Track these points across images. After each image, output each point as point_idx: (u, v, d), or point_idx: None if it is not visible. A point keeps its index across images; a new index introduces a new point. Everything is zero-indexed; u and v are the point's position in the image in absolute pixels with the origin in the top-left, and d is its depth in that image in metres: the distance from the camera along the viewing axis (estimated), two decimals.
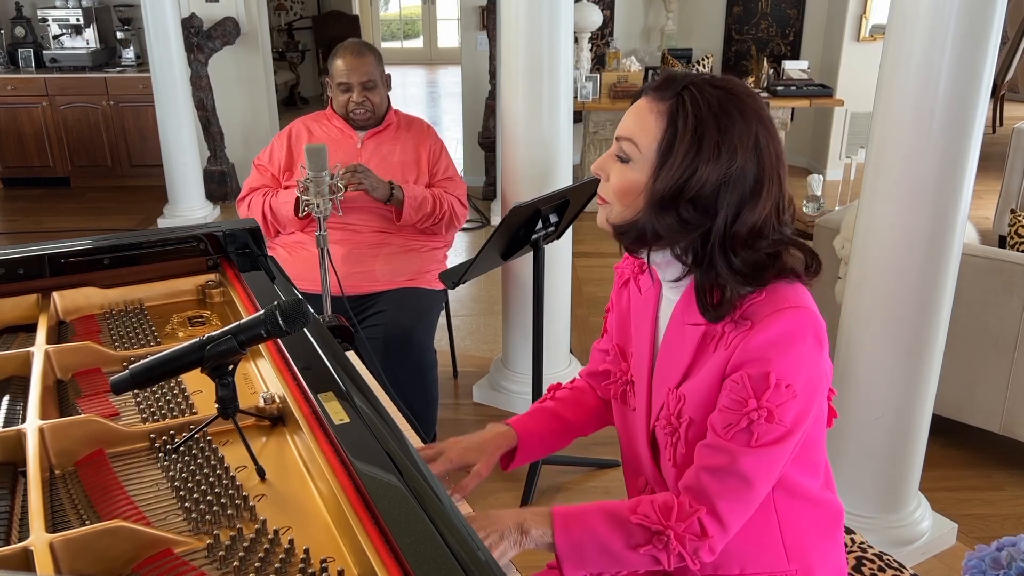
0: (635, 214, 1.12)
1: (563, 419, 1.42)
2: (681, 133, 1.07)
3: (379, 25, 12.85)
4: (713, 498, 1.12)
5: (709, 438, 1.13)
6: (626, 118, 1.15)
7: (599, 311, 3.99)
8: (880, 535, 2.21)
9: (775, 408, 1.08)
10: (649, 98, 1.12)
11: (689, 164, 1.07)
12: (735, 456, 1.10)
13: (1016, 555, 1.17)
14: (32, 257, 1.65)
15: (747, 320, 1.10)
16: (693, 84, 1.09)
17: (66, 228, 5.27)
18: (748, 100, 1.10)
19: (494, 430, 1.37)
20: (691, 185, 1.08)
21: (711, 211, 1.09)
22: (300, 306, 1.20)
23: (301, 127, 2.73)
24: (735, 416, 1.10)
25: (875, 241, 2.03)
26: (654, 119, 1.10)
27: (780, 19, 6.18)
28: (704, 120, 1.07)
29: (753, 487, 1.12)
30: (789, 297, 1.10)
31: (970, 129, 1.89)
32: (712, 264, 1.11)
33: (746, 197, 1.09)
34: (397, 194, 2.56)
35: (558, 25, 2.69)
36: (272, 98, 6.03)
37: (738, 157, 1.07)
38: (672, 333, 1.21)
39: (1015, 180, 4.49)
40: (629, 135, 1.12)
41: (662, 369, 1.22)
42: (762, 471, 1.11)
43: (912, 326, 2.05)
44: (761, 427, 1.09)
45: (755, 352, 1.08)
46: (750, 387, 1.08)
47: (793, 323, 1.08)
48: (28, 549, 0.95)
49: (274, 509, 1.10)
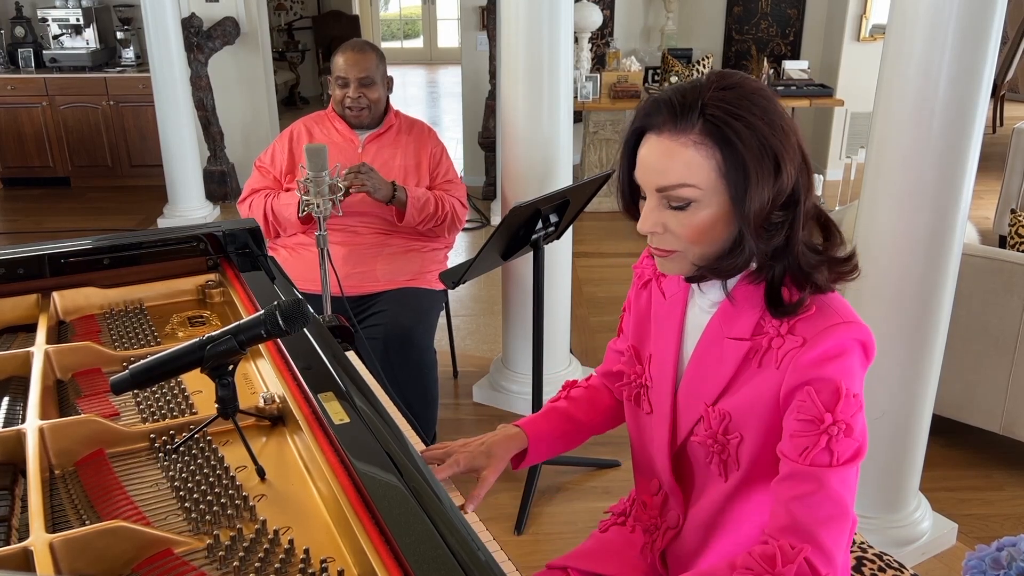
0: (721, 246, 1.07)
1: (575, 420, 1.40)
2: (743, 149, 1.01)
3: (379, 25, 12.84)
4: (813, 531, 1.04)
5: (787, 468, 1.07)
6: (652, 167, 1.06)
7: (599, 311, 3.99)
8: (880, 535, 2.21)
9: (850, 419, 1.04)
10: (668, 134, 1.05)
11: (770, 171, 1.03)
12: (821, 479, 1.04)
13: (1016, 555, 1.17)
14: (32, 257, 1.65)
15: (797, 336, 1.06)
16: (708, 99, 1.03)
17: (66, 228, 5.27)
18: (753, 83, 1.06)
19: (503, 432, 1.35)
20: (779, 188, 1.04)
21: (796, 201, 1.06)
22: (300, 306, 1.20)
23: (302, 128, 2.73)
24: (811, 438, 1.04)
25: (875, 241, 2.03)
26: (694, 151, 1.03)
27: (780, 19, 6.18)
28: (753, 124, 1.02)
29: (847, 508, 1.06)
30: (840, 312, 1.07)
31: (970, 129, 1.89)
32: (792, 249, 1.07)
33: (806, 169, 1.06)
34: (400, 195, 2.56)
35: (558, 25, 2.69)
36: (272, 98, 6.03)
37: (791, 136, 1.04)
38: (708, 346, 1.16)
39: (1015, 180, 4.49)
40: (677, 181, 1.04)
41: (693, 382, 1.18)
42: (849, 488, 1.06)
43: (912, 326, 2.05)
44: (841, 443, 1.04)
45: (814, 369, 1.04)
46: (821, 403, 1.04)
47: (846, 337, 1.05)
48: (28, 549, 0.95)
49: (274, 509, 1.10)
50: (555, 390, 1.47)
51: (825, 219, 1.13)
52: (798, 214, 1.06)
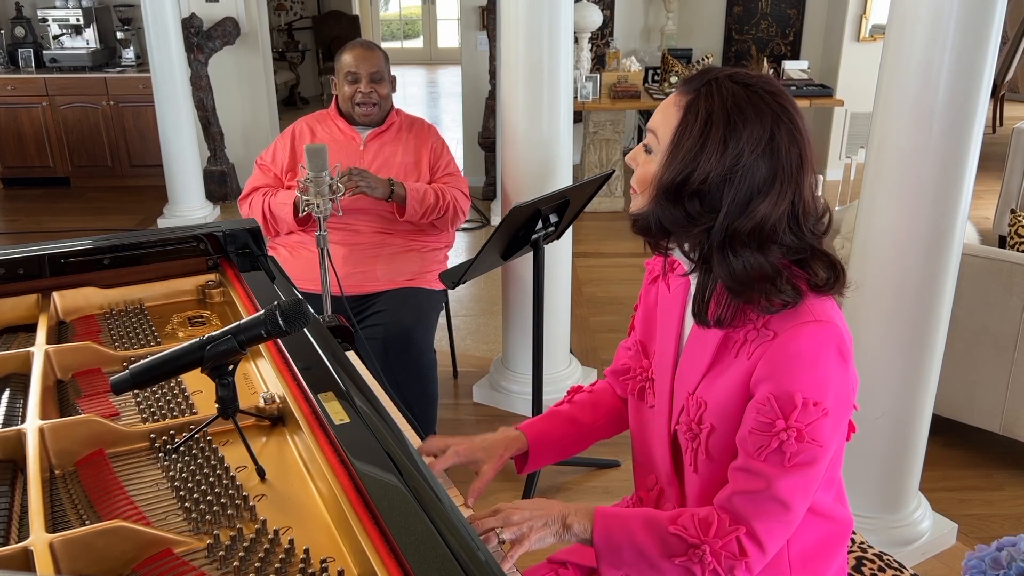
0: (648, 204, 1.13)
1: (579, 423, 1.41)
2: (691, 126, 1.07)
3: (379, 25, 12.84)
4: (750, 520, 1.10)
5: (742, 460, 1.12)
6: (656, 112, 1.16)
7: (599, 311, 3.99)
8: (880, 535, 2.21)
9: (804, 428, 1.06)
10: (678, 91, 1.13)
11: (693, 157, 1.07)
12: (770, 479, 1.09)
13: (1016, 555, 1.17)
14: (32, 257, 1.65)
15: (769, 330, 1.09)
16: (716, 79, 1.09)
17: (66, 228, 5.27)
18: (769, 98, 1.07)
19: (504, 433, 1.36)
20: (693, 178, 1.07)
21: (716, 207, 1.07)
22: (300, 306, 1.20)
23: (304, 127, 2.73)
24: (765, 438, 1.08)
25: (875, 241, 2.03)
26: (675, 111, 1.11)
27: (780, 19, 6.18)
28: (714, 114, 1.06)
29: (791, 509, 1.10)
30: (813, 310, 1.08)
31: (970, 129, 1.89)
32: (711, 263, 1.10)
33: (753, 195, 1.06)
34: (398, 191, 2.56)
35: (558, 25, 2.69)
36: (272, 98, 6.03)
37: (745, 155, 1.05)
38: (695, 336, 1.20)
39: (1015, 180, 4.49)
40: (654, 126, 1.13)
41: (683, 371, 1.21)
42: (799, 492, 1.10)
43: (912, 326, 2.05)
44: (792, 447, 1.07)
45: (779, 368, 1.07)
46: (777, 407, 1.07)
47: (816, 338, 1.07)
48: (28, 549, 0.95)
49: (274, 509, 1.10)
50: (555, 390, 1.48)
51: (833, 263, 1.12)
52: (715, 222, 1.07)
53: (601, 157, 5.48)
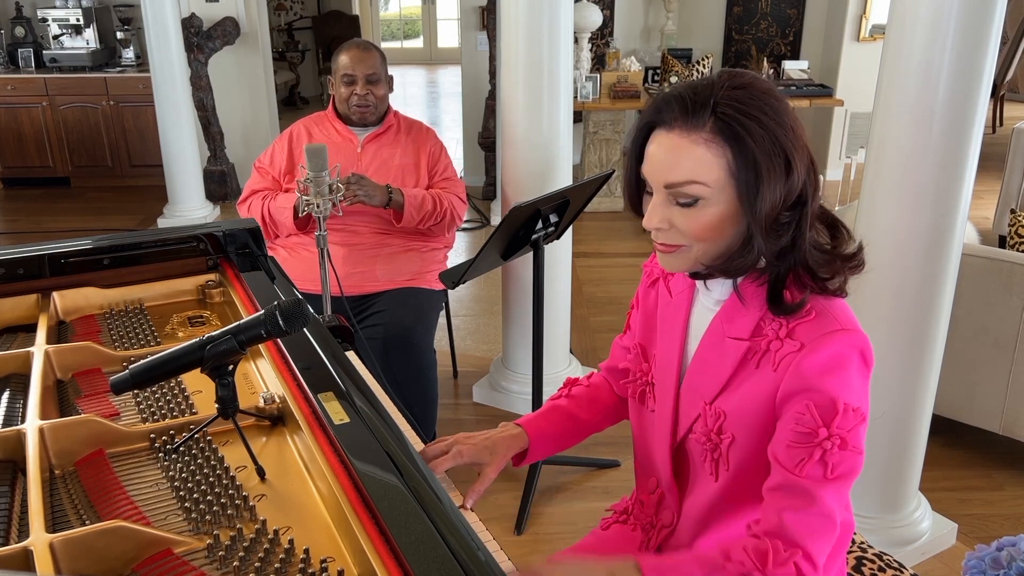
0: (728, 244, 1.08)
1: (576, 418, 1.40)
2: (755, 148, 1.01)
3: (379, 25, 12.84)
4: (803, 540, 1.05)
5: (780, 477, 1.07)
6: (661, 163, 1.06)
7: (599, 311, 3.99)
8: (880, 535, 2.21)
9: (847, 434, 1.04)
10: (678, 131, 1.04)
11: (781, 171, 1.03)
12: (814, 493, 1.05)
13: (1016, 555, 1.17)
14: (32, 257, 1.65)
15: (795, 340, 1.06)
16: (720, 97, 1.03)
17: (66, 228, 5.27)
18: (763, 84, 1.07)
19: (506, 431, 1.35)
20: (790, 187, 1.04)
21: (803, 202, 1.06)
22: (300, 306, 1.20)
23: (301, 129, 2.73)
24: (806, 450, 1.05)
25: (875, 241, 2.03)
26: (706, 150, 1.03)
27: (780, 19, 6.19)
28: (765, 123, 1.02)
29: (836, 522, 1.07)
30: (839, 318, 1.07)
31: (970, 129, 1.89)
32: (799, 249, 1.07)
33: (813, 170, 1.07)
34: (396, 197, 2.56)
35: (558, 25, 2.69)
36: (272, 98, 6.03)
37: (800, 136, 1.04)
38: (710, 344, 1.17)
39: (1015, 180, 4.49)
40: (686, 178, 1.04)
41: (695, 380, 1.19)
42: (840, 503, 1.07)
43: (912, 326, 2.05)
44: (835, 456, 1.04)
45: (812, 377, 1.04)
46: (818, 416, 1.04)
47: (845, 345, 1.05)
48: (28, 549, 0.95)
49: (274, 509, 1.10)
50: (555, 390, 1.47)
51: (831, 219, 1.13)
52: (805, 214, 1.06)
53: (601, 157, 5.48)
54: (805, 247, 1.07)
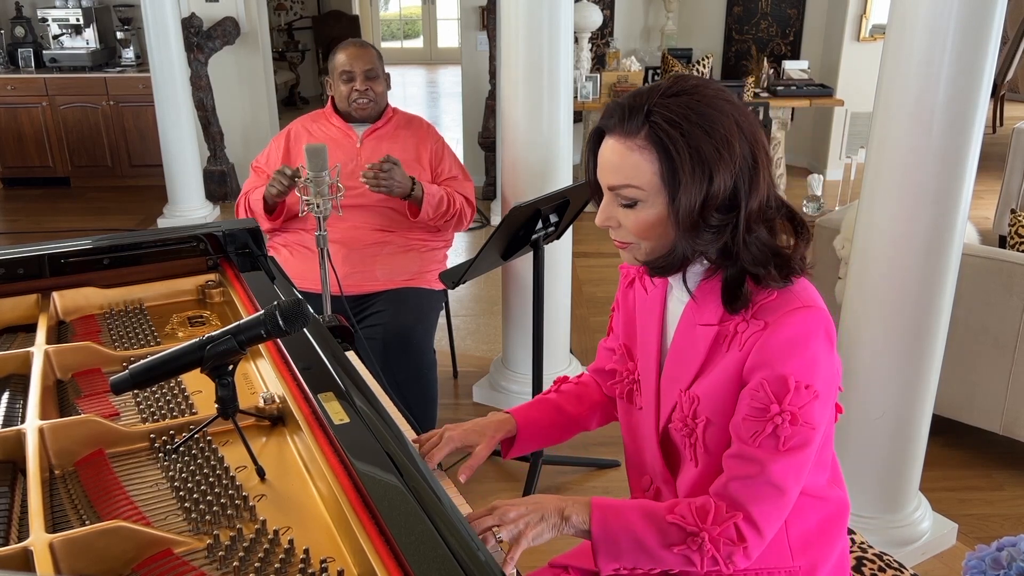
0: (669, 243, 1.13)
1: (565, 412, 1.43)
2: (677, 156, 1.07)
3: (379, 25, 12.84)
4: (748, 505, 1.12)
5: (736, 447, 1.14)
6: (606, 166, 1.13)
7: (599, 311, 3.99)
8: (880, 535, 2.21)
9: (798, 410, 1.09)
10: (618, 137, 1.11)
11: (701, 179, 1.07)
12: (764, 464, 1.11)
13: (1016, 555, 1.17)
14: (32, 257, 1.65)
15: (760, 320, 1.11)
16: (654, 105, 1.08)
17: (66, 228, 5.27)
18: (706, 90, 1.10)
19: (494, 416, 1.41)
20: (712, 195, 1.08)
21: (736, 206, 1.10)
22: (300, 306, 1.20)
23: (300, 128, 2.73)
24: (759, 423, 1.10)
25: (875, 241, 2.03)
26: (639, 155, 1.09)
27: (780, 19, 6.18)
28: (690, 132, 1.07)
29: (784, 492, 1.13)
30: (800, 296, 1.12)
31: (970, 129, 1.89)
32: (739, 253, 1.11)
33: (753, 176, 1.10)
34: (417, 192, 2.55)
35: (558, 25, 2.69)
36: (272, 98, 6.03)
37: (736, 146, 1.08)
38: (682, 334, 1.22)
39: (1015, 180, 4.49)
40: (623, 181, 1.11)
41: (671, 370, 1.23)
42: (791, 475, 1.12)
43: (912, 326, 2.05)
44: (786, 431, 1.09)
45: (771, 355, 1.09)
46: (771, 392, 1.09)
47: (806, 323, 1.10)
48: (28, 549, 0.95)
49: (274, 509, 1.10)
50: None
51: (793, 215, 1.18)
52: (740, 217, 1.10)
53: None
54: (742, 247, 1.11)
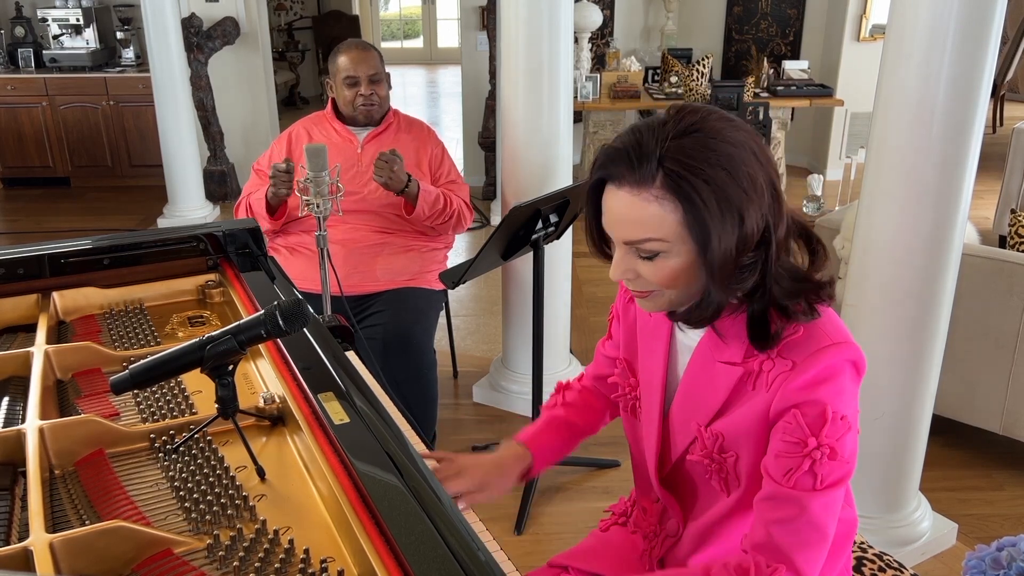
0: (697, 289, 1.07)
1: (574, 426, 1.41)
2: (702, 203, 0.98)
3: (379, 25, 12.84)
4: (789, 553, 1.05)
5: (769, 488, 1.07)
6: (618, 221, 1.04)
7: (599, 311, 3.99)
8: (880, 535, 2.21)
9: (836, 443, 1.03)
10: (628, 188, 1.01)
11: (732, 222, 1.00)
12: (803, 504, 1.04)
13: (1016, 555, 1.17)
14: (32, 257, 1.65)
15: (787, 359, 1.05)
16: (666, 151, 0.99)
17: (66, 228, 5.27)
18: (715, 123, 1.02)
19: (511, 452, 1.34)
20: (745, 236, 1.01)
21: (766, 240, 1.04)
22: (300, 306, 1.20)
23: (301, 130, 2.73)
24: (795, 460, 1.04)
25: (875, 241, 2.03)
26: (658, 206, 1.00)
27: (780, 19, 6.18)
28: (713, 177, 0.98)
29: (825, 532, 1.06)
30: (828, 332, 1.06)
31: (970, 129, 1.89)
32: (770, 288, 1.05)
33: (777, 205, 1.04)
34: (412, 188, 2.55)
35: (558, 25, 2.69)
36: (272, 98, 6.03)
37: (758, 179, 1.01)
38: (698, 369, 1.16)
39: (1015, 180, 4.49)
40: (643, 236, 1.02)
41: (686, 403, 1.18)
42: (830, 513, 1.06)
43: (912, 326, 2.05)
44: (824, 467, 1.03)
45: (802, 393, 1.04)
46: (806, 425, 1.03)
47: (835, 359, 1.04)
48: (28, 549, 0.95)
49: (274, 509, 1.10)
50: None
51: (808, 233, 1.12)
52: (771, 252, 1.04)
53: None
54: (773, 282, 1.05)
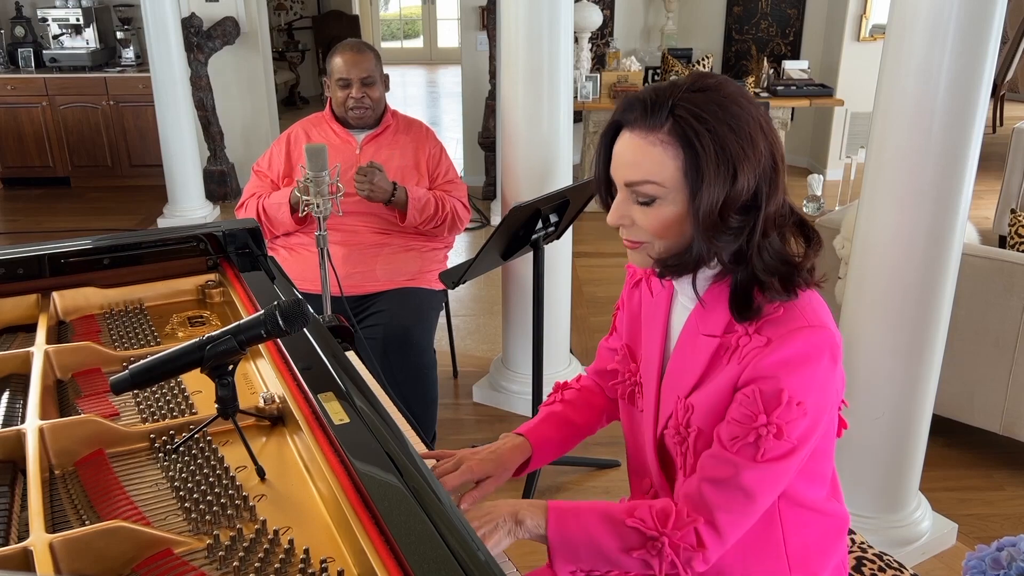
0: (685, 242, 1.09)
1: (573, 423, 1.41)
2: (702, 151, 1.03)
3: (379, 25, 12.84)
4: (712, 509, 1.10)
5: (714, 449, 1.12)
6: (623, 161, 1.09)
7: (599, 311, 3.99)
8: (880, 535, 2.21)
9: (784, 425, 1.06)
10: (639, 131, 1.07)
11: (726, 176, 1.04)
12: (739, 469, 1.09)
13: (1016, 555, 1.17)
14: (32, 257, 1.65)
15: (763, 335, 1.08)
16: (679, 100, 1.05)
17: (66, 228, 5.27)
18: (729, 87, 1.07)
19: (510, 443, 1.36)
20: (735, 194, 1.05)
21: (755, 207, 1.07)
22: (300, 306, 1.20)
23: (300, 131, 2.73)
24: (743, 429, 1.08)
25: (875, 241, 2.03)
26: (661, 150, 1.05)
27: (780, 19, 6.18)
28: (716, 128, 1.03)
29: (754, 501, 1.10)
30: (806, 314, 1.09)
31: (970, 129, 1.89)
32: (751, 257, 1.08)
33: (774, 178, 1.07)
34: (398, 197, 2.55)
35: (558, 25, 2.69)
36: (272, 98, 6.03)
37: (760, 145, 1.05)
38: (685, 341, 1.19)
39: (1015, 180, 4.49)
40: (643, 177, 1.07)
41: (672, 376, 1.21)
42: (765, 485, 1.10)
43: (912, 326, 2.05)
44: (768, 443, 1.07)
45: (769, 369, 1.07)
46: (761, 402, 1.07)
47: (810, 343, 1.07)
48: (28, 549, 0.95)
49: (274, 509, 1.10)
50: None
51: (804, 224, 1.14)
52: (758, 221, 1.07)
53: None
54: (756, 253, 1.08)
